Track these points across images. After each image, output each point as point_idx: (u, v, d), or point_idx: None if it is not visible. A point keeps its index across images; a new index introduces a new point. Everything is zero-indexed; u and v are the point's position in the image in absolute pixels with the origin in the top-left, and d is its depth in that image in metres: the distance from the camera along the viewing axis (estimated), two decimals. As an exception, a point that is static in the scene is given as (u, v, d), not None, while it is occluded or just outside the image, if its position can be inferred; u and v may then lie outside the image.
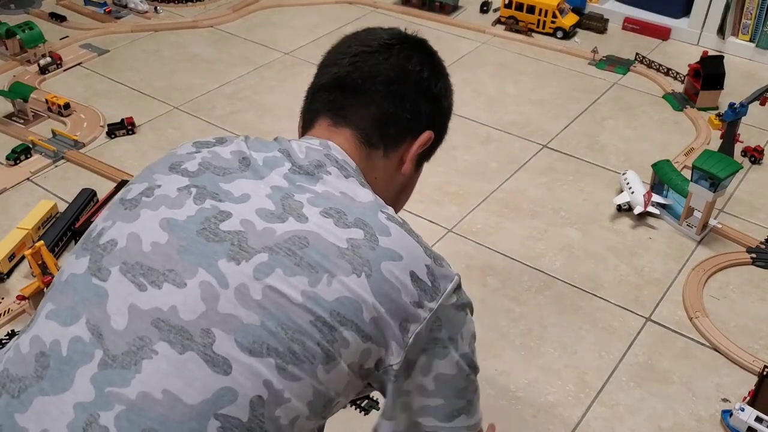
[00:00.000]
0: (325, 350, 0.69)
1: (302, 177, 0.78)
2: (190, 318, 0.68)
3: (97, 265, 0.74)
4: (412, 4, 2.88)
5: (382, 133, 0.87)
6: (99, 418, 0.66)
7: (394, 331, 0.73)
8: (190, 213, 0.75)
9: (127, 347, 0.68)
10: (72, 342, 0.70)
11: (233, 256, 0.71)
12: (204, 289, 0.70)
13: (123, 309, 0.70)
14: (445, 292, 0.75)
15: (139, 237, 0.74)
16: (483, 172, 1.98)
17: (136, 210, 0.77)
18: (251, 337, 0.68)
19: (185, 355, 0.67)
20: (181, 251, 0.72)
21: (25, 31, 2.42)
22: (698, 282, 1.60)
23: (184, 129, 2.15)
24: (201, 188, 0.77)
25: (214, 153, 0.81)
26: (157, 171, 0.82)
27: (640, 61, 2.50)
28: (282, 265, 0.70)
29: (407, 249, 0.75)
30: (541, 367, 1.43)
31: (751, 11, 2.50)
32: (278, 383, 0.68)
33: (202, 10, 2.86)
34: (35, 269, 1.48)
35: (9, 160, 1.97)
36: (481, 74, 2.45)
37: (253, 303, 0.69)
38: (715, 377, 1.41)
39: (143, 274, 0.71)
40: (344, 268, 0.71)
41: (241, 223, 0.73)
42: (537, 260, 1.68)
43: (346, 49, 0.89)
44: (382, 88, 0.86)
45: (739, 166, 1.68)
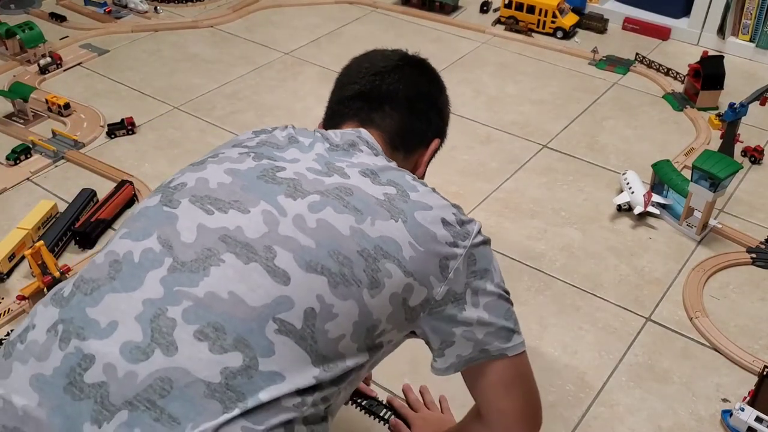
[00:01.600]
0: (370, 277, 0.79)
1: (339, 152, 0.91)
2: (255, 236, 0.78)
3: (168, 198, 0.85)
4: (412, 4, 2.88)
5: (403, 139, 1.00)
6: (167, 311, 0.74)
7: (434, 268, 0.83)
8: (251, 165, 0.87)
9: (195, 255, 0.78)
10: (144, 252, 0.79)
11: (290, 194, 0.82)
12: (266, 216, 0.80)
13: (192, 227, 0.80)
14: (474, 232, 0.88)
15: (206, 179, 0.85)
16: (483, 172, 1.98)
17: (203, 164, 0.89)
18: (308, 257, 0.78)
19: (250, 266, 0.76)
20: (244, 188, 0.83)
21: (25, 31, 2.42)
22: (698, 282, 1.60)
23: (184, 129, 2.15)
24: (259, 153, 0.89)
25: (270, 134, 0.95)
26: (222, 148, 0.94)
27: (640, 61, 2.50)
28: (332, 205, 0.81)
29: (435, 201, 0.87)
30: (541, 367, 1.42)
31: (751, 11, 2.50)
32: (329, 299, 0.77)
33: (202, 10, 2.86)
34: (35, 269, 1.48)
35: (9, 160, 1.97)
36: (481, 74, 2.45)
37: (309, 230, 0.79)
38: (715, 377, 1.41)
39: (211, 203, 0.82)
40: (383, 214, 0.82)
41: (295, 174, 0.86)
42: (537, 260, 1.68)
43: (364, 69, 1.02)
44: (403, 102, 1.00)
45: (739, 166, 1.68)
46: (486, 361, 0.89)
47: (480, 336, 0.87)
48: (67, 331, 0.75)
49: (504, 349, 0.90)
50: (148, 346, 0.72)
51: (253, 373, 0.72)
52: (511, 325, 0.91)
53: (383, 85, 1.00)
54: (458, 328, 0.87)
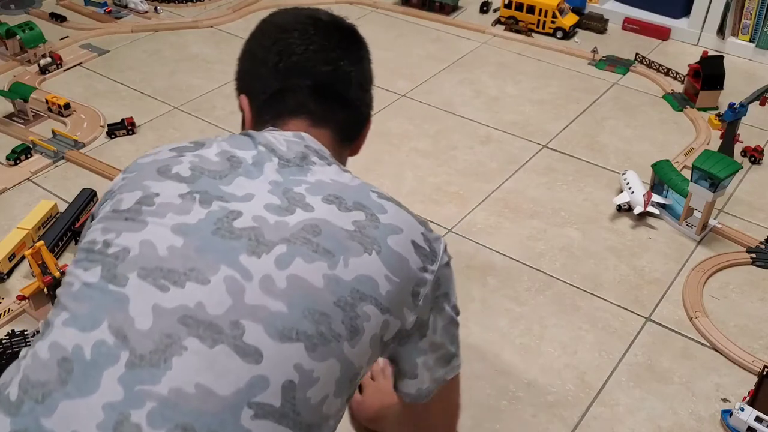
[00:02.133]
0: (349, 327, 0.73)
1: (292, 169, 0.82)
2: (218, 312, 0.70)
3: (111, 273, 0.73)
4: (412, 4, 2.88)
5: (352, 129, 0.95)
6: (130, 417, 0.65)
7: (407, 298, 0.79)
8: (201, 216, 0.76)
9: (154, 346, 0.68)
10: (95, 346, 0.69)
11: (253, 250, 0.73)
12: (229, 284, 0.71)
13: (146, 310, 0.70)
14: (440, 253, 0.83)
15: (152, 243, 0.74)
16: (483, 172, 1.98)
17: (140, 219, 0.76)
18: (280, 324, 0.70)
19: (216, 349, 0.68)
20: (199, 251, 0.73)
21: (25, 32, 2.42)
22: (698, 282, 1.61)
23: (184, 129, 2.15)
24: (203, 193, 0.78)
25: (200, 156, 0.82)
26: (146, 178, 0.81)
27: (640, 61, 2.50)
28: (301, 254, 0.73)
29: (404, 221, 0.81)
30: (541, 367, 1.43)
31: (751, 11, 2.50)
32: (308, 365, 0.70)
33: (203, 10, 2.86)
34: (35, 269, 1.48)
35: (9, 160, 1.97)
36: (481, 74, 2.45)
37: (278, 292, 0.71)
38: (714, 377, 1.41)
39: (164, 276, 0.71)
40: (356, 249, 0.76)
41: (254, 219, 0.75)
42: (537, 260, 1.68)
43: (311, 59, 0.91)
44: (353, 89, 0.93)
45: (739, 166, 1.68)
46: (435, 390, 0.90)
47: (432, 362, 0.86)
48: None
49: (444, 374, 0.89)
50: None
51: None
52: (454, 350, 0.89)
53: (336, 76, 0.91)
54: (420, 357, 0.85)
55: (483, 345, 1.47)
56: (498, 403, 1.36)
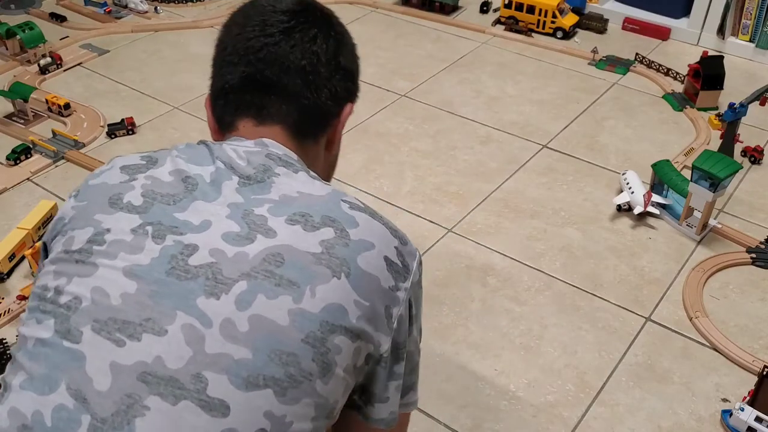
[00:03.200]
0: (320, 363, 0.68)
1: (254, 187, 0.75)
2: (178, 366, 0.65)
3: (65, 327, 0.69)
4: (412, 4, 2.88)
5: (309, 123, 0.85)
6: None
7: (380, 321, 0.73)
8: (154, 255, 0.70)
9: (115, 407, 0.64)
10: (55, 411, 0.65)
11: (211, 291, 0.68)
12: (187, 333, 0.66)
13: (104, 368, 0.66)
14: (413, 270, 0.77)
15: (104, 290, 0.69)
16: (483, 172, 1.98)
17: (91, 261, 0.71)
18: (245, 372, 0.65)
19: (179, 406, 0.64)
20: (154, 296, 0.68)
21: (25, 31, 2.42)
22: (698, 282, 1.61)
23: (184, 129, 2.15)
24: (157, 225, 0.72)
25: (153, 178, 0.76)
26: (96, 211, 0.75)
27: (640, 61, 2.50)
28: (263, 289, 0.68)
29: (376, 235, 0.75)
30: (541, 367, 1.43)
31: (751, 11, 2.50)
32: (279, 410, 0.66)
33: (202, 10, 2.86)
34: (35, 269, 1.48)
35: (9, 160, 1.97)
36: (481, 74, 2.45)
37: (241, 336, 0.66)
38: (714, 377, 1.41)
39: (118, 329, 0.67)
40: (324, 274, 0.70)
41: (211, 253, 0.70)
42: (537, 260, 1.68)
43: (247, 43, 0.83)
44: (298, 80, 0.82)
45: (739, 166, 1.68)
46: None
47: (402, 387, 0.80)
48: None
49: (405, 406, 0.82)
50: None
51: None
52: (414, 379, 0.83)
53: (274, 60, 0.82)
54: (393, 381, 0.78)
55: (483, 345, 1.47)
56: (498, 403, 1.36)
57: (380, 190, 1.87)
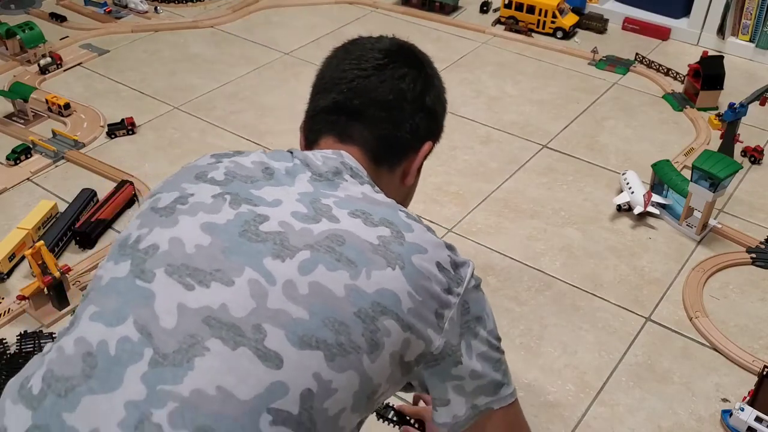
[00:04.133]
0: (369, 340, 0.72)
1: (323, 183, 0.82)
2: (241, 315, 0.70)
3: (140, 268, 0.75)
4: (412, 4, 2.88)
5: (386, 152, 0.91)
6: (151, 416, 0.66)
7: (430, 319, 0.76)
8: (229, 217, 0.77)
9: (177, 345, 0.69)
10: (120, 342, 0.70)
11: (277, 254, 0.74)
12: (252, 287, 0.72)
13: (172, 308, 0.71)
14: (467, 277, 0.81)
15: (181, 240, 0.76)
16: (483, 172, 1.98)
17: (173, 216, 0.79)
18: (301, 331, 0.70)
19: (238, 351, 0.68)
20: (225, 252, 0.74)
21: (25, 31, 2.42)
22: (698, 282, 1.61)
23: (184, 129, 2.15)
24: (234, 195, 0.80)
25: (236, 163, 0.85)
26: (183, 181, 0.84)
27: (640, 61, 2.50)
28: (324, 261, 0.73)
29: (430, 242, 0.79)
30: (541, 367, 1.43)
31: (751, 11, 2.50)
32: (327, 374, 0.70)
33: (202, 10, 2.86)
34: (35, 269, 1.48)
35: (9, 160, 1.97)
36: (481, 74, 2.45)
37: (300, 298, 0.71)
38: (714, 377, 1.41)
39: (189, 274, 0.73)
40: (379, 262, 0.75)
41: (280, 224, 0.76)
42: (537, 260, 1.68)
43: (342, 74, 0.92)
44: (382, 112, 0.90)
45: (739, 166, 1.68)
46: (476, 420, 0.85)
47: (469, 389, 0.83)
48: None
49: (489, 402, 0.84)
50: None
51: None
52: (500, 377, 0.85)
53: (363, 92, 0.90)
54: (451, 382, 0.81)
55: (483, 345, 1.47)
56: (498, 403, 1.36)
57: (380, 190, 1.87)
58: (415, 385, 0.84)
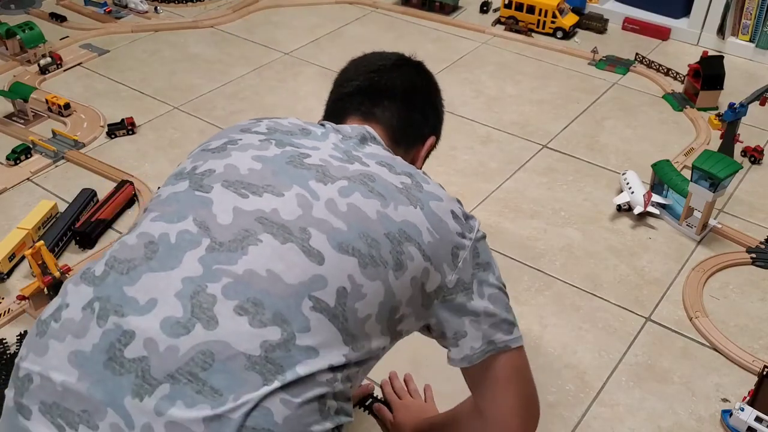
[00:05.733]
0: (396, 258, 0.83)
1: (352, 143, 0.94)
2: (290, 218, 0.81)
3: (198, 183, 0.86)
4: (412, 4, 2.88)
5: (404, 133, 1.04)
6: (206, 288, 0.75)
7: (446, 256, 0.87)
8: (276, 152, 0.89)
9: (233, 236, 0.79)
10: (180, 233, 0.80)
11: (320, 179, 0.86)
12: (299, 199, 0.83)
13: (228, 209, 0.82)
14: (476, 226, 0.92)
15: (235, 165, 0.87)
16: (483, 172, 1.98)
17: (226, 152, 0.90)
18: (340, 238, 0.81)
19: (286, 245, 0.79)
20: (275, 173, 0.86)
21: (25, 31, 2.42)
22: (698, 282, 1.61)
23: (185, 129, 2.15)
24: (279, 140, 0.92)
25: (275, 121, 0.97)
26: (230, 132, 0.95)
27: (640, 61, 2.50)
28: (359, 190, 0.85)
29: (444, 194, 0.91)
30: (541, 367, 1.43)
31: (751, 11, 2.50)
32: (359, 279, 0.80)
33: (203, 10, 2.86)
34: (35, 269, 1.48)
35: (9, 160, 1.97)
36: (481, 74, 2.45)
37: (340, 213, 0.82)
38: (714, 377, 1.41)
39: (244, 187, 0.84)
40: (403, 200, 0.86)
41: (321, 160, 0.88)
42: (537, 260, 1.68)
43: (363, 67, 1.07)
44: (401, 95, 1.04)
45: (739, 166, 1.68)
46: (490, 355, 0.91)
47: (486, 326, 0.90)
48: (105, 309, 0.75)
49: (507, 341, 0.92)
50: (189, 321, 0.73)
51: (291, 347, 0.74)
52: (512, 318, 0.93)
53: (381, 80, 1.04)
54: (467, 317, 0.89)
55: (483, 345, 1.47)
56: (498, 403, 1.35)
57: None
58: (433, 325, 0.91)
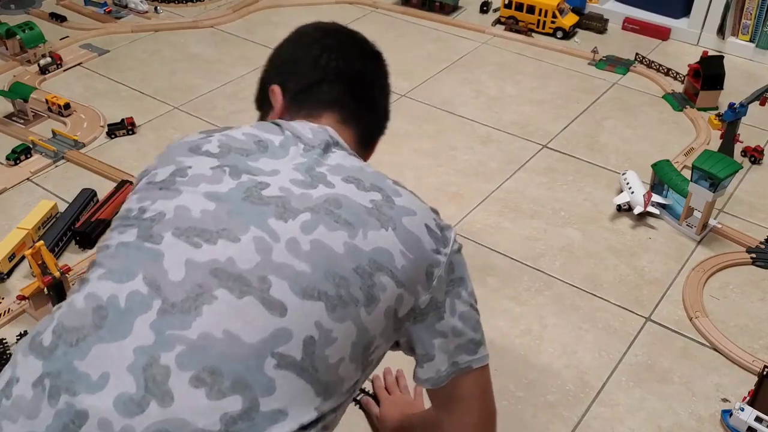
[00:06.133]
0: (366, 293, 0.77)
1: (316, 153, 0.87)
2: (247, 267, 0.74)
3: (147, 233, 0.78)
4: (412, 4, 2.88)
5: (375, 136, 1.03)
6: (159, 359, 0.69)
7: (420, 276, 0.82)
8: (231, 186, 0.81)
9: (185, 295, 0.72)
10: (130, 295, 0.73)
11: (280, 215, 0.78)
12: (257, 243, 0.76)
13: (179, 264, 0.75)
14: (452, 239, 0.86)
15: (187, 207, 0.79)
16: (483, 172, 1.98)
17: (175, 188, 0.82)
18: (304, 283, 0.74)
19: (244, 299, 0.72)
20: (230, 213, 0.78)
21: (25, 31, 2.42)
22: (698, 282, 1.61)
23: (184, 129, 2.15)
24: (233, 167, 0.83)
25: (228, 136, 0.88)
26: (177, 155, 0.87)
27: (640, 61, 2.50)
28: (324, 222, 0.78)
29: (417, 206, 0.86)
30: (541, 367, 1.43)
31: (751, 11, 2.50)
32: (327, 324, 0.74)
33: (203, 10, 2.86)
34: (35, 269, 1.48)
35: (9, 160, 1.97)
36: (481, 74, 2.45)
37: (303, 253, 0.76)
38: (715, 377, 1.41)
39: (197, 234, 0.76)
40: (373, 223, 0.80)
41: (280, 189, 0.81)
42: (537, 260, 1.68)
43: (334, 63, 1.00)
44: (383, 101, 1.03)
45: (739, 166, 1.68)
46: (454, 376, 0.88)
47: (453, 347, 0.87)
48: (56, 386, 0.70)
49: (471, 361, 0.89)
50: (143, 399, 0.68)
51: (255, 415, 0.69)
52: (480, 337, 0.90)
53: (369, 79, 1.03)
54: (437, 338, 0.85)
55: (483, 345, 1.47)
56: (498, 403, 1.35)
57: (380, 190, 1.87)
58: (402, 342, 0.87)
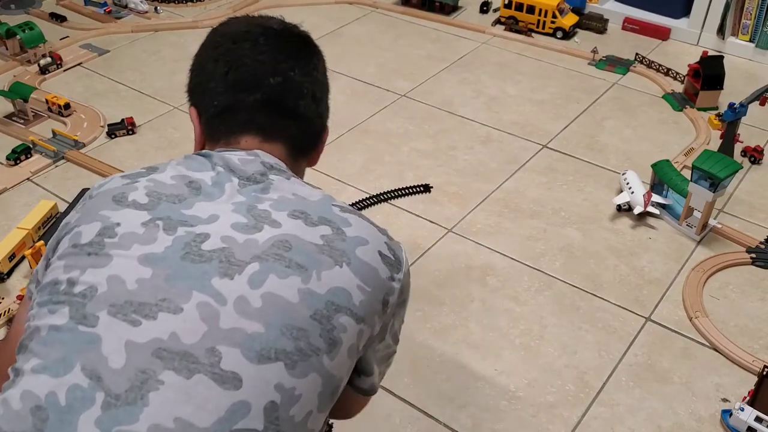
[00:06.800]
0: (327, 339, 0.72)
1: (254, 187, 0.79)
2: (193, 341, 0.67)
3: (80, 313, 0.70)
4: (412, 4, 2.88)
5: (309, 143, 0.92)
6: None
7: (377, 307, 0.78)
8: (167, 244, 0.73)
9: (129, 384, 0.66)
10: (70, 390, 0.66)
11: (225, 272, 0.71)
12: (202, 310, 0.69)
13: (119, 348, 0.67)
14: (404, 261, 0.82)
15: (120, 278, 0.71)
16: (483, 172, 1.98)
17: (105, 252, 0.73)
18: (258, 345, 0.68)
19: (193, 379, 0.66)
20: (169, 279, 0.70)
21: (25, 32, 2.42)
22: (698, 282, 1.61)
23: (184, 129, 2.15)
24: (166, 219, 0.75)
25: (155, 181, 0.79)
26: (101, 208, 0.78)
27: (639, 61, 2.50)
28: (274, 270, 0.72)
29: (368, 233, 0.80)
30: (541, 367, 1.43)
31: (751, 11, 2.50)
32: (289, 383, 0.69)
33: (202, 10, 2.86)
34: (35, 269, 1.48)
35: (9, 160, 1.97)
36: (481, 74, 2.45)
37: (254, 312, 0.69)
38: (714, 377, 1.41)
39: (134, 310, 0.69)
40: (327, 262, 0.74)
41: (222, 239, 0.73)
42: (537, 260, 1.68)
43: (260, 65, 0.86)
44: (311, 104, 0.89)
45: (739, 166, 1.68)
46: None
47: (383, 359, 0.87)
48: None
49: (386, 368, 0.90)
50: None
51: None
52: (394, 349, 0.89)
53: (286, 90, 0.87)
54: (376, 354, 0.84)
55: (483, 345, 1.47)
56: (498, 403, 1.36)
57: (380, 190, 1.87)
58: None
